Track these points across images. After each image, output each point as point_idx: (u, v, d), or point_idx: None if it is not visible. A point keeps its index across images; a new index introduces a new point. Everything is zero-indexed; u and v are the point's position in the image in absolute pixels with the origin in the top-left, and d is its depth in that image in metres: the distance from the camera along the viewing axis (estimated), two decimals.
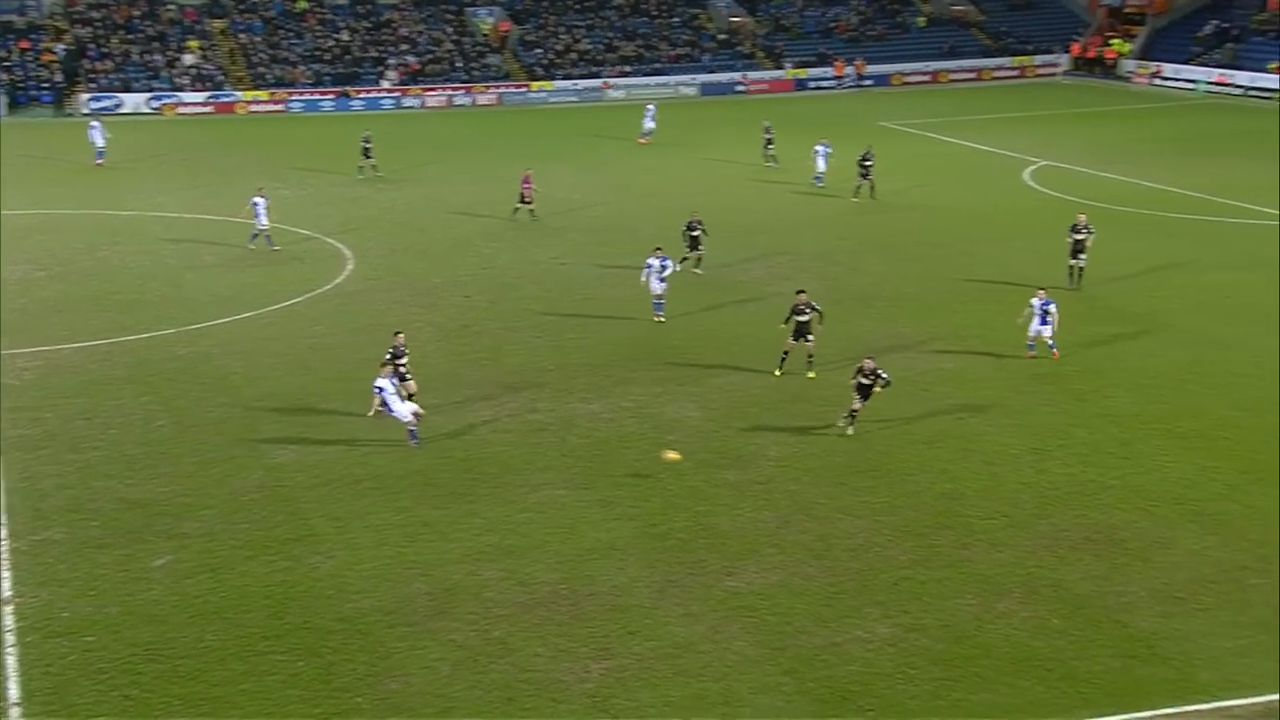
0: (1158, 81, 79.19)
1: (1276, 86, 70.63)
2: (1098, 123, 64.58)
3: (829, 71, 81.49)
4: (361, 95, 75.00)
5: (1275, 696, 15.72)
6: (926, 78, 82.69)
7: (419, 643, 17.35)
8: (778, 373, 27.30)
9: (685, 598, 18.39)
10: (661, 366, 28.17)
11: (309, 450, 23.74)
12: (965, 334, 30.23)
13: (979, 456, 23.20)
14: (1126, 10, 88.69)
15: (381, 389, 23.50)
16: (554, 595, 18.50)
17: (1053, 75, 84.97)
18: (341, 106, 74.26)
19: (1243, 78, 73.40)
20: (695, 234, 35.37)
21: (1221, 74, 74.85)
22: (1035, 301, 28.10)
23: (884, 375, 23.98)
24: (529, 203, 42.62)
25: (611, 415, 25.40)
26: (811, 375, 27.13)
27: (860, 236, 40.46)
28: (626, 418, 25.27)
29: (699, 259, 35.47)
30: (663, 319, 31.38)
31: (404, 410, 23.62)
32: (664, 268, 31.31)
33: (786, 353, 27.30)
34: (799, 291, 27.55)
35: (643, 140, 59.54)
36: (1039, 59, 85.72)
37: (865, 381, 23.96)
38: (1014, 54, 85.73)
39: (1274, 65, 72.16)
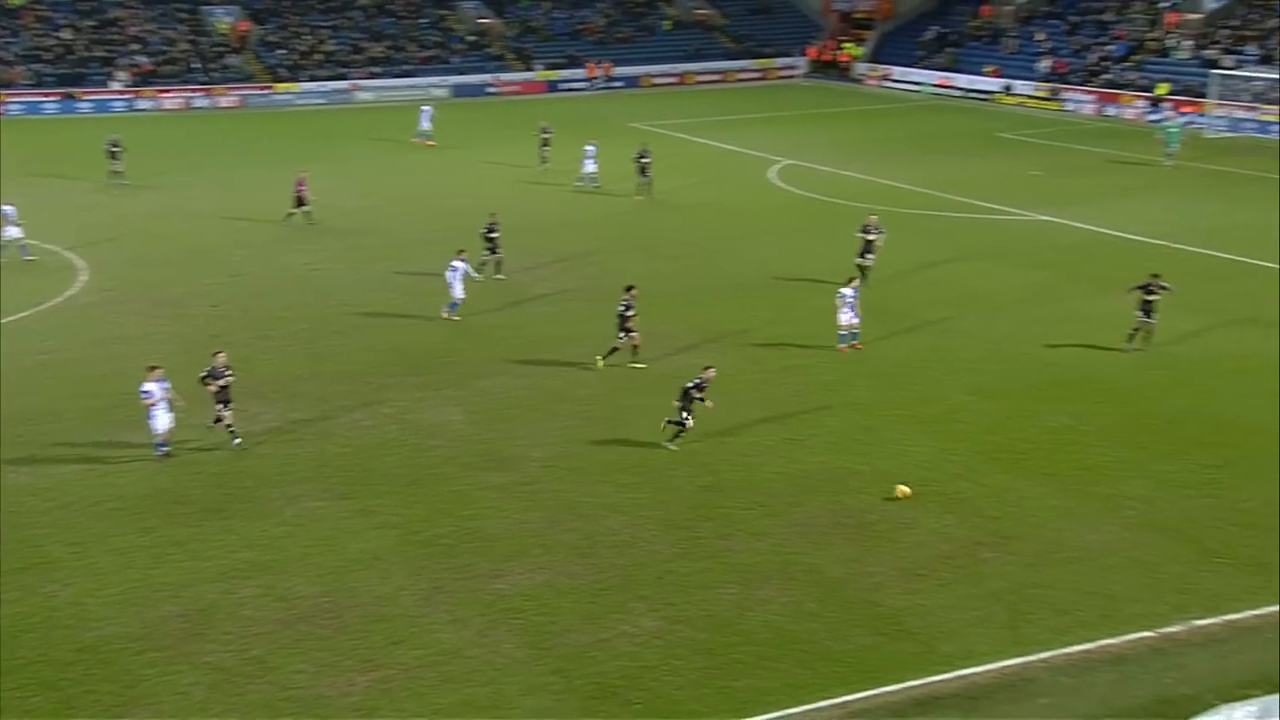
0: (888, 83, 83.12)
1: (992, 88, 75.13)
2: (836, 123, 67.23)
3: (580, 73, 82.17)
4: (89, 97, 71.19)
5: (1009, 662, 16.67)
6: (674, 79, 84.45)
7: (170, 668, 16.59)
8: (600, 362, 27.90)
9: (452, 603, 18.19)
10: (421, 372, 27.80)
11: (43, 472, 22.39)
12: (722, 330, 30.95)
13: (736, 449, 23.78)
14: (856, 15, 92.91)
15: (149, 393, 22.36)
16: (315, 609, 18.00)
17: (792, 77, 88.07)
18: (67, 109, 70.33)
19: (962, 80, 77.82)
20: (493, 236, 35.05)
21: (943, 76, 79.16)
22: (845, 291, 28.93)
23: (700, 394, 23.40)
24: (304, 205, 41.36)
25: (371, 423, 24.89)
26: (639, 366, 27.68)
27: (617, 236, 40.94)
28: (387, 424, 24.83)
29: (498, 263, 35.16)
30: (457, 318, 31.24)
31: (162, 423, 22.58)
32: (463, 270, 31.19)
33: (615, 348, 27.99)
34: (628, 288, 27.99)
35: (417, 140, 58.78)
36: (779, 61, 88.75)
37: (696, 395, 23.24)
38: (755, 57, 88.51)
39: (989, 69, 76.76)
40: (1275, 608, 17.71)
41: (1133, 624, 17.41)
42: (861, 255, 34.01)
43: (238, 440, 23.43)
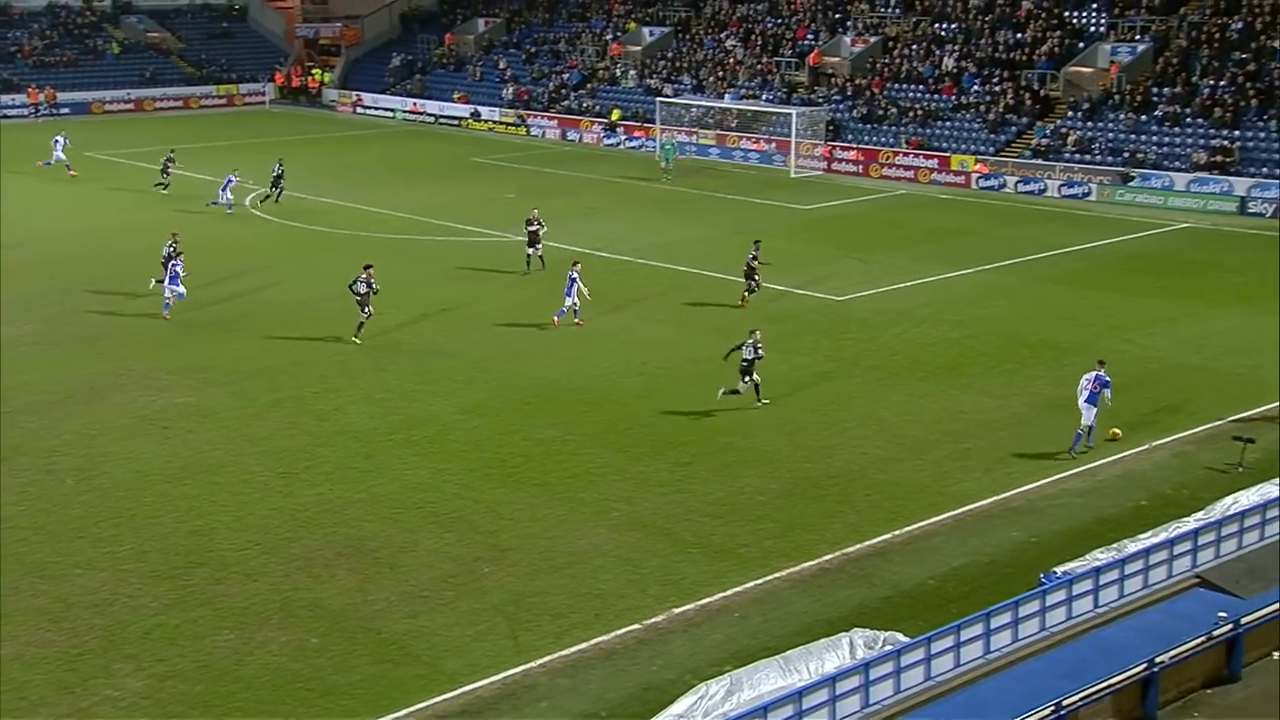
0: (361, 110, 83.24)
1: (462, 114, 77.16)
2: (310, 149, 66.22)
3: (21, 99, 75.89)
4: None
5: (511, 672, 17.13)
6: (130, 105, 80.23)
7: None
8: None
9: None
10: None
11: None
12: (205, 366, 29.59)
13: (227, 488, 22.81)
14: (322, 41, 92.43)
15: None
16: None
17: (262, 104, 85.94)
18: None
19: (433, 106, 79.42)
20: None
21: (415, 103, 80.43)
22: (572, 274, 32.46)
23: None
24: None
25: None
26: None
27: (68, 274, 38.04)
28: None
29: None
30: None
31: None
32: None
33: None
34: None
35: (42, 164, 55.56)
36: (245, 87, 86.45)
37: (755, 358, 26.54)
38: (219, 82, 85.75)
39: (457, 95, 78.80)
40: (741, 588, 19.39)
41: (622, 619, 18.43)
42: (530, 246, 38.46)
43: None
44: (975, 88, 60.95)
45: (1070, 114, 57.64)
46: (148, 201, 50.63)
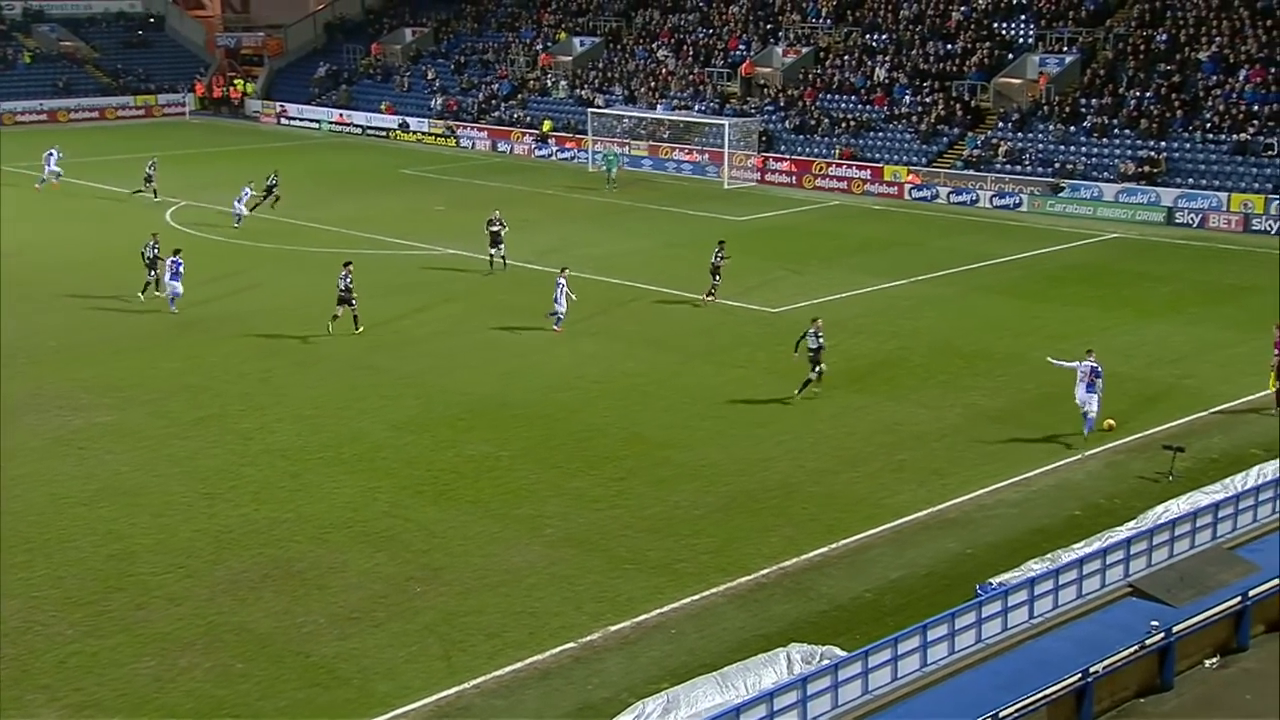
0: (285, 121, 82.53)
1: (390, 125, 76.75)
2: (233, 161, 65.50)
3: None
4: None
5: (444, 693, 17.00)
6: (42, 116, 79.09)
7: None
8: None
9: None
10: None
11: None
12: (125, 384, 29.11)
13: (147, 510, 22.44)
14: (244, 51, 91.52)
15: None
16: None
17: (181, 114, 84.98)
18: None
19: (360, 117, 78.89)
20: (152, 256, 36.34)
21: (341, 114, 79.86)
22: (560, 280, 33.60)
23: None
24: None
25: None
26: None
27: None
28: None
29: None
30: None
31: None
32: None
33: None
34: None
35: (39, 186, 54.32)
36: (164, 98, 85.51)
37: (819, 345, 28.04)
38: (137, 93, 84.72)
39: (385, 106, 78.35)
40: (677, 604, 19.41)
41: (557, 638, 18.36)
42: (492, 246, 40.39)
43: None
44: (907, 98, 61.73)
45: (1001, 125, 58.55)
46: (61, 213, 49.89)
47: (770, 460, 25.21)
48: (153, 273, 36.46)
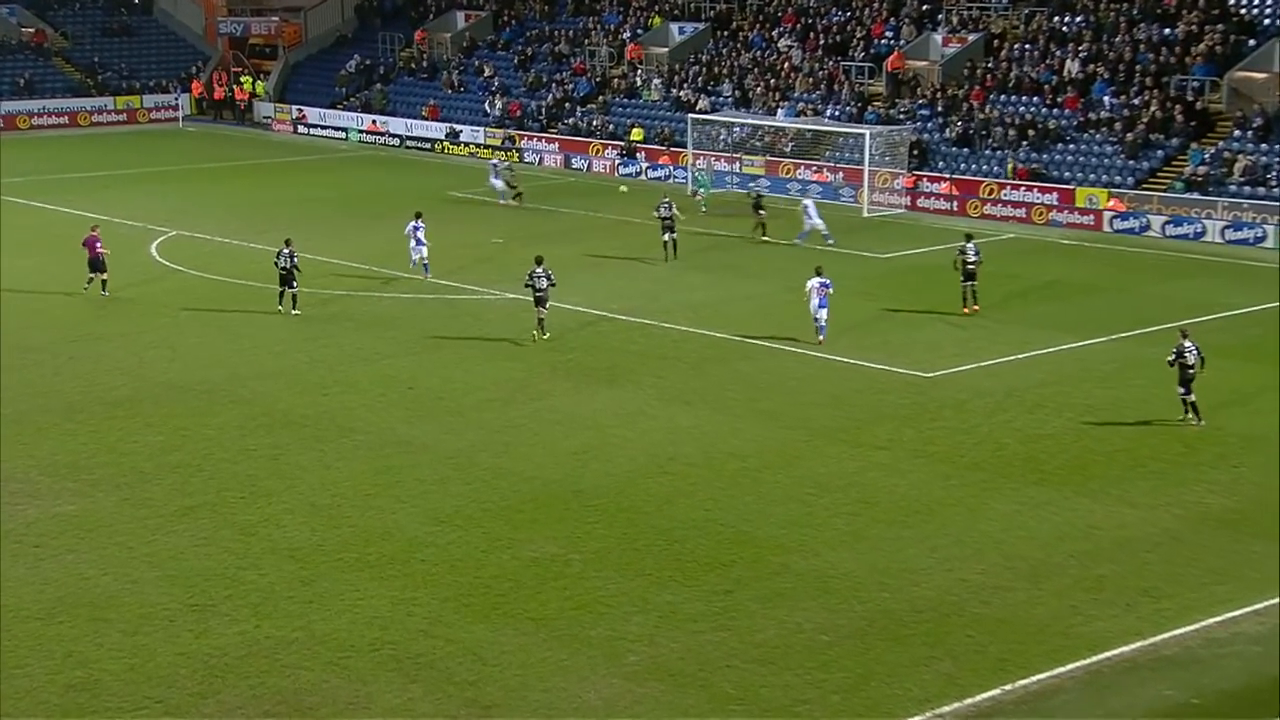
0: (304, 129, 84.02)
1: (435, 135, 77.85)
2: (237, 180, 67.12)
3: None
4: None
5: None
6: None
7: None
8: None
9: None
10: None
11: None
12: (92, 463, 29.77)
13: (118, 627, 22.81)
14: (253, 41, 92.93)
15: None
16: None
17: (174, 120, 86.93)
18: None
19: (397, 124, 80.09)
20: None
21: (374, 120, 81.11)
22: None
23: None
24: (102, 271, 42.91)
25: None
26: None
27: None
28: None
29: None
30: None
31: None
32: None
33: None
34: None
35: None
36: (151, 99, 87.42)
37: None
38: (117, 93, 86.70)
39: (428, 109, 79.52)
40: None
41: None
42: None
43: None
44: (1108, 100, 61.44)
45: (1237, 134, 57.98)
46: (13, 245, 51.31)
47: (921, 572, 25.04)
48: (293, 285, 40.96)
